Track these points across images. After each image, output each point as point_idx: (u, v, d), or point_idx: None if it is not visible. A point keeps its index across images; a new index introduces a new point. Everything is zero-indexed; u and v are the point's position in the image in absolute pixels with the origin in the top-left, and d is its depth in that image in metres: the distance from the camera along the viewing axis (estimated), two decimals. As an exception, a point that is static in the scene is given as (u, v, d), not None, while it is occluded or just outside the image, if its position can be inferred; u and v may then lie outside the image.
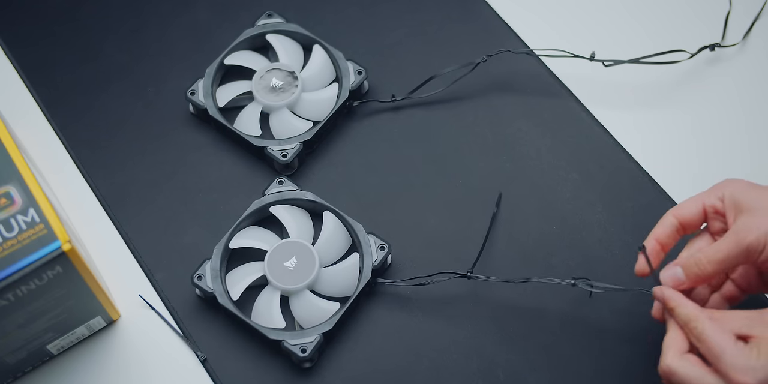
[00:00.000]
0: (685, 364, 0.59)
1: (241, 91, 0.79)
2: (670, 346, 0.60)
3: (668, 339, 0.61)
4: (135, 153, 0.80)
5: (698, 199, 0.65)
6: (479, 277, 0.72)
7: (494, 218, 0.76)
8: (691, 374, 0.58)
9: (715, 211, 0.65)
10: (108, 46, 0.84)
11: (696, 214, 0.65)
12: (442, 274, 0.72)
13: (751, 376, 0.57)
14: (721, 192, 0.64)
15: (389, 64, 0.83)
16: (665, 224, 0.65)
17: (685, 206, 0.65)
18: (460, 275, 0.72)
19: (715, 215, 0.65)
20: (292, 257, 0.72)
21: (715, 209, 0.64)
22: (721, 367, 0.57)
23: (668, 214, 0.66)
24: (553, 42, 0.83)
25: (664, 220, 0.66)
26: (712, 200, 0.65)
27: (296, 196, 0.75)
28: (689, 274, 0.63)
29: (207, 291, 0.71)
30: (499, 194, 0.76)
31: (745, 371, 0.57)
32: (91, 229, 0.77)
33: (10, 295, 0.60)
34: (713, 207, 0.65)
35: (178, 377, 0.72)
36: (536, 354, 0.72)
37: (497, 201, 0.76)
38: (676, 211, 0.65)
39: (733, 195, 0.63)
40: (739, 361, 0.57)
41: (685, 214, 0.65)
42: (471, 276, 0.72)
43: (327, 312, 0.71)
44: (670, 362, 0.59)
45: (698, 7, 0.85)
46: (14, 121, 0.78)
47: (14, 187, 0.62)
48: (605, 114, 0.81)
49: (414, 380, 0.71)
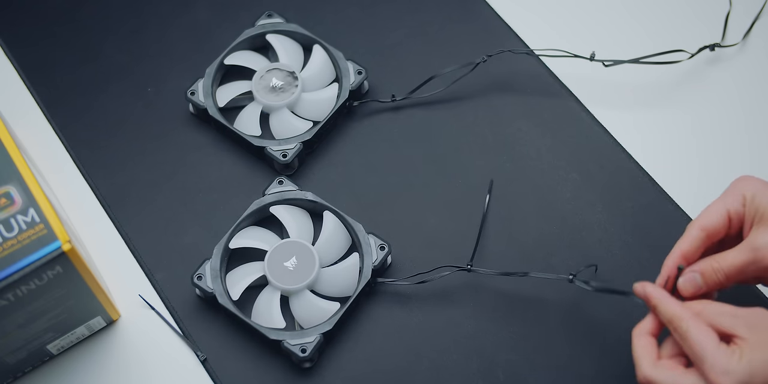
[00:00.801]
0: (661, 371, 0.59)
1: (241, 91, 0.79)
2: (643, 357, 0.60)
3: (638, 348, 0.61)
4: (135, 153, 0.80)
5: (720, 206, 0.63)
6: (479, 270, 0.72)
7: (488, 206, 0.75)
8: (669, 380, 0.59)
9: (739, 218, 0.63)
10: (108, 46, 0.84)
11: (722, 223, 0.63)
12: (442, 269, 0.72)
13: (730, 379, 0.56)
14: (740, 194, 0.63)
15: (389, 64, 0.83)
16: (692, 238, 0.63)
17: (710, 216, 0.63)
18: (460, 268, 0.72)
19: (739, 221, 0.64)
20: (292, 257, 0.72)
21: (739, 215, 0.63)
22: (702, 368, 0.58)
23: (693, 227, 0.64)
24: (553, 42, 0.83)
25: (691, 234, 0.63)
26: (736, 205, 0.63)
27: (296, 196, 0.75)
28: (709, 281, 0.62)
29: (207, 291, 0.71)
30: (490, 181, 0.76)
31: (725, 373, 0.57)
32: (91, 229, 0.77)
33: (10, 295, 0.60)
34: (737, 213, 0.63)
35: (178, 377, 0.72)
36: (536, 354, 0.72)
37: (489, 187, 0.76)
38: (702, 222, 0.63)
39: (754, 199, 0.62)
40: (720, 362, 0.57)
41: (712, 224, 0.63)
42: (471, 269, 0.72)
43: (327, 312, 0.71)
44: (647, 372, 0.59)
45: (698, 7, 0.85)
46: (14, 121, 0.78)
47: (14, 187, 0.62)
48: (605, 114, 0.81)
49: (414, 380, 0.71)
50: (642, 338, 0.62)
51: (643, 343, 0.61)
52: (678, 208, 0.76)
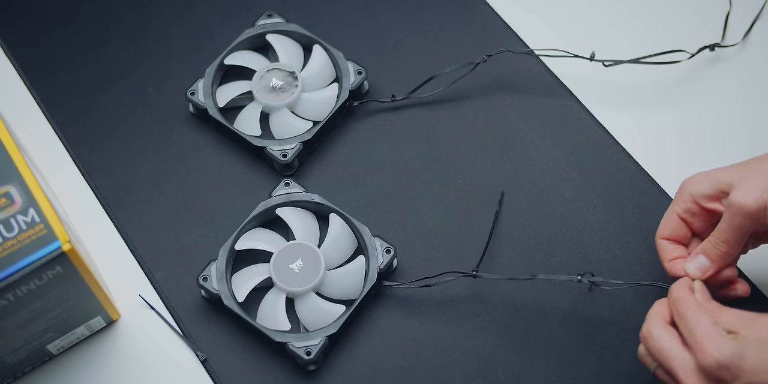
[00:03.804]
0: (663, 332, 0.61)
1: (241, 91, 0.79)
2: (656, 314, 0.63)
3: (655, 308, 0.63)
4: (135, 153, 0.80)
5: (670, 212, 0.67)
6: (485, 276, 0.72)
7: (497, 217, 0.76)
8: (665, 342, 0.60)
9: (692, 215, 0.67)
10: (108, 46, 0.84)
11: (677, 226, 0.67)
12: (448, 274, 0.72)
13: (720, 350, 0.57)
14: (686, 194, 0.66)
15: (389, 64, 0.83)
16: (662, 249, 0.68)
17: (664, 225, 0.68)
18: (465, 274, 0.72)
19: (693, 217, 0.67)
20: (298, 259, 0.72)
21: (689, 211, 0.66)
22: (693, 340, 0.59)
23: (657, 239, 0.68)
24: (553, 42, 0.83)
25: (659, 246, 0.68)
26: (684, 205, 0.67)
27: (302, 198, 0.75)
28: (712, 256, 0.65)
29: (212, 292, 0.71)
30: (501, 193, 0.76)
31: (715, 345, 0.58)
32: (91, 229, 0.77)
33: (10, 295, 0.60)
34: (687, 210, 0.66)
35: (178, 377, 0.72)
36: (536, 354, 0.72)
37: (500, 199, 0.76)
38: (660, 232, 0.68)
39: (702, 190, 0.65)
40: (712, 335, 0.58)
41: (668, 232, 0.67)
42: (476, 275, 0.72)
43: (332, 315, 0.71)
44: (651, 327, 0.62)
45: (698, 7, 0.85)
46: (14, 121, 0.78)
47: (14, 187, 0.62)
48: (605, 114, 0.81)
49: (414, 380, 0.71)
50: (665, 303, 0.64)
51: (663, 307, 0.63)
52: (678, 208, 0.76)
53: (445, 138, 0.80)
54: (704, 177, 0.66)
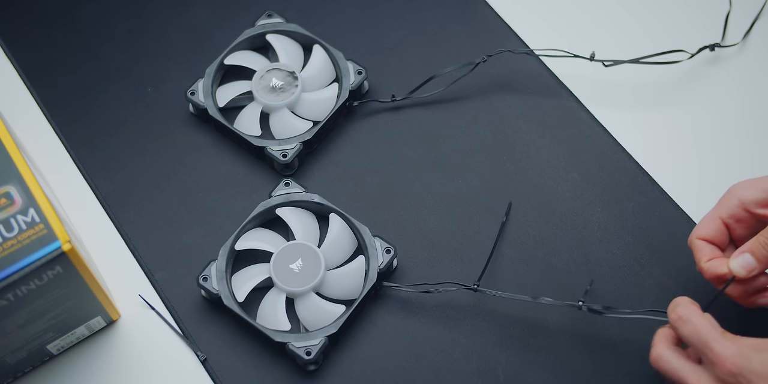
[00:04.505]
0: (670, 352, 0.62)
1: (241, 91, 0.79)
2: (661, 339, 0.63)
3: (659, 333, 0.64)
4: (135, 153, 0.80)
5: (713, 216, 0.67)
6: (487, 292, 0.71)
7: (502, 228, 0.75)
8: (675, 361, 0.61)
9: (736, 220, 0.66)
10: (108, 47, 0.84)
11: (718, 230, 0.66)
12: (449, 285, 0.72)
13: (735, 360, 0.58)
14: (735, 199, 0.66)
15: (389, 64, 0.83)
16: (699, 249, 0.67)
17: (703, 226, 0.67)
18: (466, 287, 0.72)
19: (736, 223, 0.66)
20: (298, 259, 0.72)
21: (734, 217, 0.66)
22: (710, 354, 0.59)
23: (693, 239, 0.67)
24: (553, 42, 0.83)
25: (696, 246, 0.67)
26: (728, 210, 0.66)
27: (303, 198, 0.75)
28: (759, 256, 0.64)
29: (212, 292, 0.71)
30: (509, 203, 0.76)
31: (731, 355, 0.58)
32: (91, 229, 0.76)
33: (10, 295, 0.60)
34: (732, 215, 0.66)
35: (178, 377, 0.72)
36: (536, 354, 0.72)
37: (507, 210, 0.76)
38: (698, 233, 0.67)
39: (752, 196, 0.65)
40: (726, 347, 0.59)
41: (708, 233, 0.67)
42: (477, 289, 0.72)
43: (332, 315, 0.71)
44: (660, 350, 0.62)
45: (698, 7, 0.85)
46: (14, 121, 0.78)
47: (14, 187, 0.62)
48: (605, 114, 0.81)
49: (416, 381, 0.71)
50: (663, 329, 0.64)
51: (663, 332, 0.64)
52: (678, 208, 0.76)
53: (445, 138, 0.80)
54: (755, 183, 0.66)
